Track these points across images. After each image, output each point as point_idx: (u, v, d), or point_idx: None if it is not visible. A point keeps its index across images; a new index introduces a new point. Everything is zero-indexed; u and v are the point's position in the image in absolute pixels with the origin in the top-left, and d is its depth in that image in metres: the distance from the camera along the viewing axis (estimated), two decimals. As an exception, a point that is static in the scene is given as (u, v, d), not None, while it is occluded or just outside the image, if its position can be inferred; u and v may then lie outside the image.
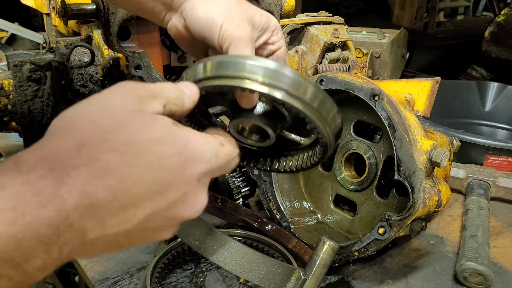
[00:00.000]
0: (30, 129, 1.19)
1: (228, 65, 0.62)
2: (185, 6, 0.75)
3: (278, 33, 0.79)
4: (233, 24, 0.72)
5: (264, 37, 0.78)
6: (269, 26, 0.78)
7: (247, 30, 0.73)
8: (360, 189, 1.05)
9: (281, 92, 0.61)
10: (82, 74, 1.21)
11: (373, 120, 1.04)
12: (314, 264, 0.73)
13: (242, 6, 0.76)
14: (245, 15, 0.74)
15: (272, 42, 0.79)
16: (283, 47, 0.80)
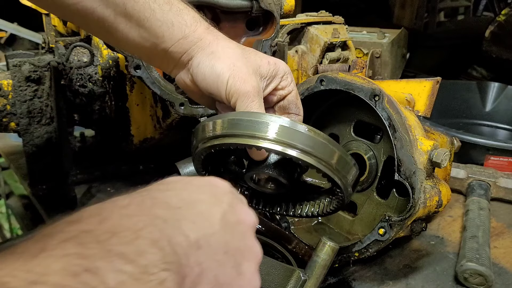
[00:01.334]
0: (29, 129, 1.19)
1: (239, 124, 0.64)
2: (192, 62, 0.76)
3: (287, 78, 0.80)
4: (239, 79, 0.73)
5: (273, 84, 0.79)
6: (277, 73, 0.79)
7: (253, 84, 0.73)
8: (360, 189, 1.05)
9: (294, 150, 0.62)
10: (81, 74, 1.21)
11: (373, 120, 1.03)
12: (314, 264, 0.73)
13: (248, 58, 0.76)
14: (251, 68, 0.75)
15: (282, 87, 0.80)
16: (294, 91, 0.81)
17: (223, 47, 0.76)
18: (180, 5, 0.75)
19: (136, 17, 0.72)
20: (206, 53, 0.75)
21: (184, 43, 0.75)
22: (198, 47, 0.76)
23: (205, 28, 0.77)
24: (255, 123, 0.64)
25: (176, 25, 0.74)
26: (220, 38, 0.78)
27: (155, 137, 1.31)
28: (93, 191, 1.31)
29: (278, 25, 1.20)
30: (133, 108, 1.26)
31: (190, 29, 0.75)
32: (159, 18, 0.73)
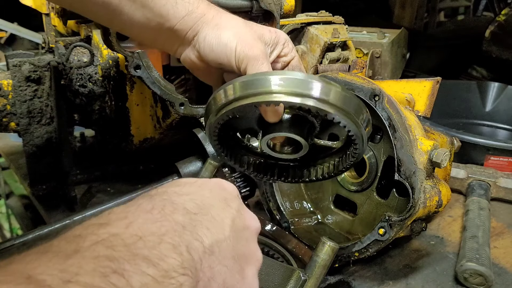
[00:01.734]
0: (29, 129, 1.19)
1: (253, 84, 0.65)
2: (197, 38, 0.79)
3: (288, 45, 0.84)
4: (247, 45, 0.76)
5: (276, 51, 0.82)
6: (279, 40, 0.82)
7: (261, 48, 0.77)
8: (360, 189, 1.05)
9: (312, 100, 0.62)
10: (81, 74, 1.21)
11: (373, 120, 1.03)
12: (314, 264, 0.73)
13: (251, 27, 0.80)
14: (255, 34, 0.79)
15: (285, 54, 0.83)
16: (296, 56, 0.85)
17: (227, 18, 0.79)
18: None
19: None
20: (211, 26, 0.78)
21: (189, 20, 0.77)
22: (202, 22, 0.78)
23: (207, 4, 0.79)
24: (268, 80, 0.64)
25: (180, 3, 0.76)
26: (222, 12, 0.81)
27: (155, 137, 1.31)
28: (93, 191, 1.31)
29: (278, 25, 1.20)
30: (133, 108, 1.26)
31: (193, 5, 0.77)
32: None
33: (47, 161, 1.24)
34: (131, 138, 1.29)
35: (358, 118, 0.67)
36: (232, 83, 0.68)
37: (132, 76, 1.18)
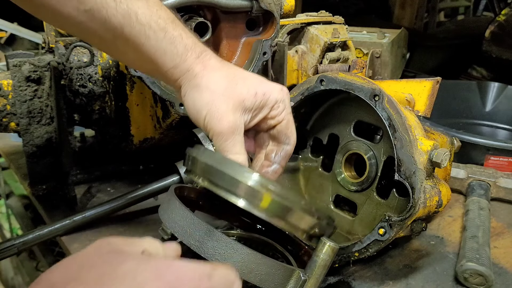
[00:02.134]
0: (29, 129, 1.19)
1: (213, 173, 0.69)
2: (181, 91, 0.79)
3: (278, 107, 0.80)
4: (215, 118, 0.75)
5: (261, 114, 0.79)
6: (266, 103, 0.79)
7: (229, 122, 0.75)
8: (360, 189, 1.05)
9: (243, 202, 0.66)
10: (81, 74, 1.21)
11: (373, 120, 1.03)
12: (314, 265, 0.73)
13: (233, 91, 0.76)
14: (231, 103, 0.75)
15: (272, 117, 0.80)
16: (284, 120, 0.81)
17: (208, 80, 0.77)
18: (174, 32, 0.76)
19: (132, 41, 0.74)
20: (191, 86, 0.77)
21: (175, 73, 0.77)
22: (185, 78, 0.77)
23: (195, 57, 0.77)
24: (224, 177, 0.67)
25: (168, 54, 0.76)
26: (208, 68, 0.78)
27: (155, 137, 1.31)
28: (93, 191, 1.31)
29: (278, 25, 1.20)
30: (133, 108, 1.26)
31: (181, 58, 0.76)
32: (153, 45, 0.74)
33: (47, 161, 1.24)
34: (131, 138, 1.29)
35: (290, 221, 0.68)
36: (198, 156, 0.72)
37: (132, 76, 1.18)
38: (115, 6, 0.70)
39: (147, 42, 0.74)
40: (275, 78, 1.41)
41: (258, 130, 0.84)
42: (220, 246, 0.70)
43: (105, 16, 0.70)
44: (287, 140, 0.83)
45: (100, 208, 1.08)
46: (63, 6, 0.68)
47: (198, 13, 1.15)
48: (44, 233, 1.03)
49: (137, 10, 0.72)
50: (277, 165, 0.83)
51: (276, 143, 0.83)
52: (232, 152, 0.76)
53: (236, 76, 0.78)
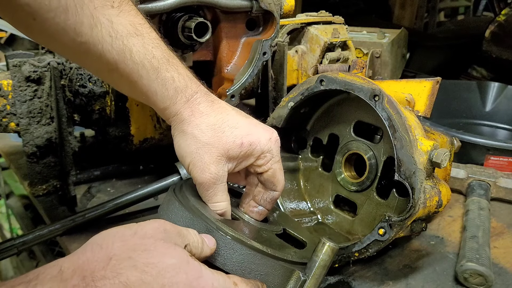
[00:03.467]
0: (29, 129, 1.19)
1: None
2: (172, 130, 0.82)
3: (265, 157, 0.82)
4: (198, 168, 0.78)
5: (247, 162, 0.82)
6: (252, 153, 0.81)
7: (211, 174, 0.77)
8: (360, 189, 1.05)
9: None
10: (81, 74, 1.21)
11: (373, 120, 1.03)
12: (314, 265, 0.73)
13: (218, 139, 0.78)
14: (215, 153, 0.78)
15: (258, 165, 0.83)
16: (271, 170, 0.83)
17: (194, 127, 0.78)
18: (167, 74, 0.77)
19: (125, 77, 0.76)
20: (179, 130, 0.80)
21: (165, 113, 0.80)
22: (174, 121, 0.80)
23: (184, 101, 0.79)
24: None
25: (159, 95, 0.78)
26: (196, 115, 0.79)
27: (155, 137, 1.31)
28: (93, 191, 1.31)
29: (278, 25, 1.20)
30: (133, 108, 1.26)
31: (171, 101, 0.78)
32: (145, 84, 0.77)
33: (47, 161, 1.24)
34: (131, 138, 1.29)
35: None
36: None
37: (132, 76, 1.18)
38: (110, 42, 0.71)
39: (139, 80, 0.76)
40: (275, 78, 1.41)
41: (248, 172, 0.87)
42: (219, 246, 0.70)
43: (100, 51, 0.72)
44: (273, 187, 0.86)
45: (100, 208, 1.08)
46: (61, 36, 0.70)
47: (198, 13, 1.15)
48: (44, 233, 1.03)
49: (132, 48, 0.73)
50: (263, 208, 0.87)
51: (264, 186, 0.86)
52: (212, 201, 0.79)
53: (224, 123, 0.80)
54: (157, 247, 0.60)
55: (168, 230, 0.64)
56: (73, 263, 0.56)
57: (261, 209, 0.87)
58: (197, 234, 0.69)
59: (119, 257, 0.57)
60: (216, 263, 0.70)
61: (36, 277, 0.53)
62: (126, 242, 0.59)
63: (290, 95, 1.05)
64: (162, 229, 0.64)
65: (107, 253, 0.57)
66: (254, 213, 0.87)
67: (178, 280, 0.59)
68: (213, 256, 0.70)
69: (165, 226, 0.65)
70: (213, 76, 1.27)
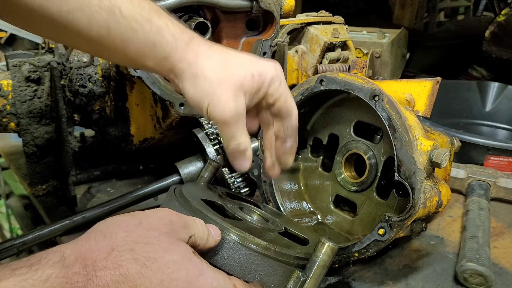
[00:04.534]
0: (29, 129, 1.19)
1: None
2: (177, 82, 0.78)
3: (275, 83, 0.80)
4: (217, 107, 0.75)
5: (260, 94, 0.80)
6: (263, 83, 0.79)
7: (231, 111, 0.75)
8: (360, 189, 1.05)
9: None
10: (81, 74, 1.21)
11: (373, 120, 1.03)
12: (313, 265, 0.73)
13: (230, 77, 0.76)
14: (231, 90, 0.75)
15: (270, 94, 0.80)
16: (282, 96, 0.81)
17: (204, 69, 0.76)
18: (160, 22, 0.75)
19: (120, 38, 0.72)
20: (188, 76, 0.76)
21: (167, 64, 0.76)
22: (179, 69, 0.76)
23: (185, 45, 0.76)
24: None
25: (158, 45, 0.75)
26: (201, 57, 0.77)
27: (155, 137, 1.31)
28: (93, 191, 1.31)
29: (278, 25, 1.20)
30: (133, 108, 1.26)
31: (171, 48, 0.75)
32: (141, 38, 0.73)
33: (47, 161, 1.24)
34: (131, 138, 1.29)
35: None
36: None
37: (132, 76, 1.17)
38: (98, 3, 0.69)
39: (134, 36, 0.73)
40: (275, 78, 1.41)
41: (259, 109, 0.85)
42: (219, 247, 0.70)
43: (89, 14, 0.69)
44: (289, 114, 0.83)
45: (100, 208, 1.08)
46: (46, 10, 0.67)
47: (198, 13, 1.15)
48: (44, 233, 1.03)
49: (120, 5, 0.71)
50: (290, 141, 0.85)
51: (279, 119, 0.84)
52: (237, 138, 0.77)
53: (229, 60, 0.78)
54: (160, 241, 0.60)
55: (173, 222, 0.64)
56: (76, 250, 0.57)
57: (290, 143, 0.85)
58: (203, 224, 0.69)
59: (122, 248, 0.57)
60: (216, 263, 0.70)
61: (38, 262, 0.54)
62: (130, 233, 0.60)
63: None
64: (168, 221, 0.64)
65: (110, 243, 0.58)
66: (288, 150, 0.86)
67: (178, 276, 0.59)
68: (213, 256, 0.70)
69: (171, 216, 0.65)
70: (213, 76, 1.26)
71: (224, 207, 0.86)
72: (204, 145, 1.12)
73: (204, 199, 0.83)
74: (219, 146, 1.12)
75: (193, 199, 0.79)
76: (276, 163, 0.89)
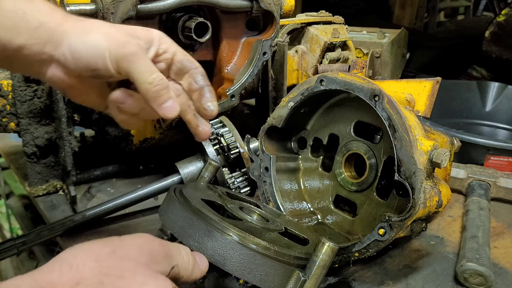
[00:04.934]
0: (29, 129, 1.19)
1: None
2: (60, 50, 0.68)
3: (165, 40, 0.74)
4: (120, 43, 0.68)
5: (153, 49, 0.73)
6: (153, 38, 0.73)
7: (136, 43, 0.69)
8: (360, 189, 1.05)
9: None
10: (81, 74, 1.21)
11: (373, 120, 1.03)
12: (313, 265, 0.73)
13: (119, 27, 0.72)
14: (126, 32, 0.70)
15: (164, 50, 0.74)
16: (178, 50, 0.75)
17: (90, 22, 0.70)
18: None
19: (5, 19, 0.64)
20: (74, 33, 0.67)
21: (43, 32, 0.67)
22: (61, 31, 0.67)
23: (63, 14, 0.70)
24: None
25: (30, 13, 0.66)
26: (82, 19, 0.71)
27: (155, 137, 1.31)
28: (93, 191, 1.31)
29: (278, 25, 1.20)
30: (133, 108, 1.26)
31: (46, 15, 0.67)
32: (9, 9, 0.64)
33: (47, 161, 1.24)
34: (131, 138, 1.29)
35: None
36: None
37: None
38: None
39: (0, 6, 0.64)
40: (275, 78, 1.41)
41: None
42: (220, 247, 0.70)
43: None
44: (192, 64, 0.76)
45: (100, 208, 1.08)
46: None
47: (198, 13, 1.15)
48: (44, 233, 1.03)
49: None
50: (207, 85, 0.77)
51: (186, 74, 0.76)
52: (151, 68, 0.70)
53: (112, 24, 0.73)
54: (136, 274, 0.53)
55: (153, 251, 0.56)
56: (35, 283, 0.49)
57: (208, 88, 0.77)
58: (189, 253, 0.63)
59: (89, 281, 0.50)
60: (217, 263, 0.70)
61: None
62: (101, 263, 0.52)
63: (290, 95, 1.05)
64: (147, 250, 0.56)
65: (76, 275, 0.50)
66: (209, 96, 0.77)
67: None
68: (213, 256, 0.70)
69: (151, 245, 0.57)
70: (213, 76, 1.27)
71: (224, 207, 0.86)
72: (204, 145, 1.12)
73: (204, 199, 0.83)
74: (219, 146, 1.12)
75: (193, 199, 0.79)
76: (202, 120, 0.79)
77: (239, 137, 1.12)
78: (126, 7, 0.99)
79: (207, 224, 0.72)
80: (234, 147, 1.11)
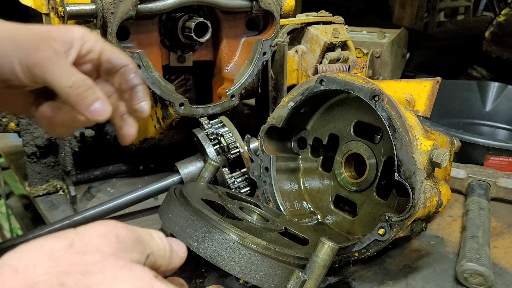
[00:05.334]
0: (29, 129, 1.19)
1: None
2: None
3: (89, 39, 0.68)
4: (29, 49, 0.61)
5: (74, 50, 0.66)
6: (73, 38, 0.66)
7: (49, 47, 0.62)
8: (360, 189, 1.05)
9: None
10: (81, 74, 1.21)
11: (373, 120, 1.03)
12: (313, 265, 0.73)
13: (30, 28, 0.64)
14: (37, 36, 0.63)
15: (89, 50, 0.68)
16: (105, 48, 0.70)
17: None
18: None
19: None
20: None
21: None
22: None
23: None
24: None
25: None
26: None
27: (155, 137, 1.31)
28: (93, 191, 1.31)
29: (278, 25, 1.20)
30: (133, 108, 1.26)
31: None
32: None
33: (47, 161, 1.24)
34: (131, 138, 1.29)
35: None
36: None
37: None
38: None
39: None
40: (275, 78, 1.41)
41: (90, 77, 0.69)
42: (220, 247, 0.70)
43: None
44: (121, 61, 0.71)
45: (100, 208, 1.08)
46: None
47: (198, 13, 1.15)
48: (44, 233, 1.03)
49: None
50: (139, 84, 0.72)
51: (116, 73, 0.71)
52: (73, 72, 0.64)
53: (24, 24, 0.65)
54: (105, 267, 0.43)
55: (121, 238, 0.47)
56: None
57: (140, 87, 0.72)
58: (163, 238, 0.53)
59: (46, 284, 0.40)
60: (217, 263, 0.70)
61: None
62: (57, 261, 0.42)
63: (290, 95, 1.05)
64: (113, 237, 0.46)
65: (26, 280, 0.40)
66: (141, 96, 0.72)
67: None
68: (213, 256, 0.70)
69: (117, 231, 0.47)
70: (213, 76, 1.27)
71: (224, 207, 0.86)
72: (204, 145, 1.12)
73: (204, 199, 0.83)
74: (219, 146, 1.12)
75: (193, 199, 0.79)
76: (128, 123, 0.74)
77: (239, 137, 1.12)
78: (126, 7, 0.99)
79: (207, 224, 0.72)
80: (234, 147, 1.11)
